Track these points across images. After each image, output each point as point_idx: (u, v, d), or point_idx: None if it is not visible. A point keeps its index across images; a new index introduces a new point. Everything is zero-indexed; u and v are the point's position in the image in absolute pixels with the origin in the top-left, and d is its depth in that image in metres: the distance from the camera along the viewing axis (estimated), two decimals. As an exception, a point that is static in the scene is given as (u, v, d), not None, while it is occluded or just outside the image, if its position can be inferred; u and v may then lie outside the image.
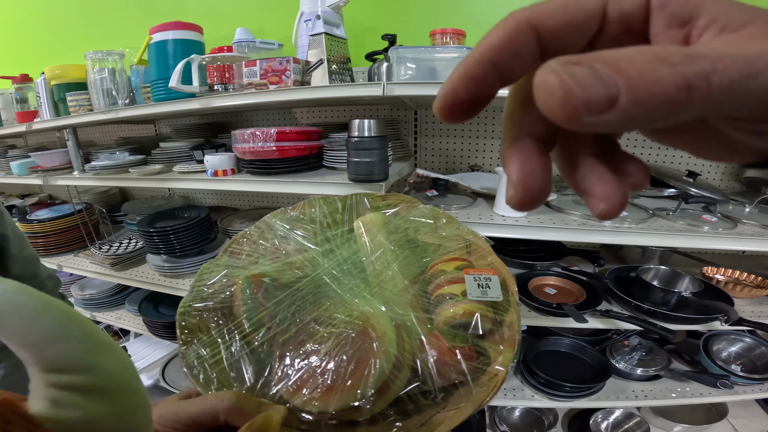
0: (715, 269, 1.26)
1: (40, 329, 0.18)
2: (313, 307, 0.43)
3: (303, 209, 0.55)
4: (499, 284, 0.43)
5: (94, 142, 2.00)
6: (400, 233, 0.51)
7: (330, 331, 0.40)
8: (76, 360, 0.19)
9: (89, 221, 1.62)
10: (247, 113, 1.68)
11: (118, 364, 0.20)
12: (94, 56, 1.22)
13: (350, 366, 0.37)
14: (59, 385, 0.18)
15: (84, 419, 0.18)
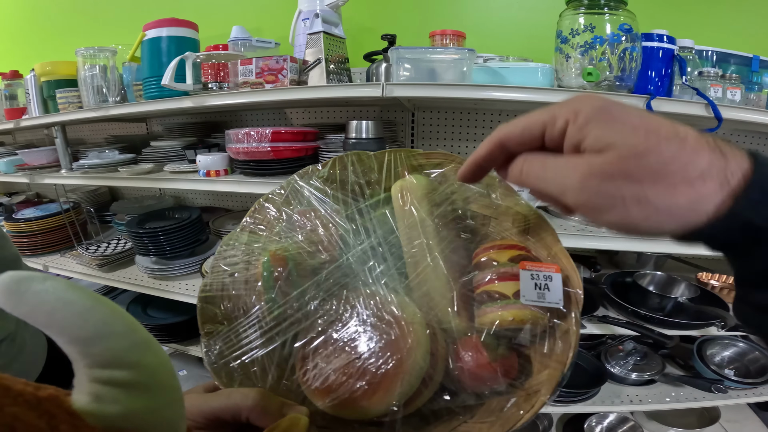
0: (709, 275, 1.27)
1: (87, 326, 0.19)
2: (340, 302, 0.39)
3: (333, 168, 0.48)
4: (561, 285, 0.36)
5: (83, 140, 1.96)
6: (447, 205, 0.44)
7: (357, 333, 0.37)
8: (120, 356, 0.19)
9: (77, 221, 1.58)
10: (241, 113, 1.65)
11: (158, 360, 0.21)
12: (85, 53, 1.19)
13: (377, 378, 0.35)
14: (102, 380, 0.19)
15: (123, 414, 0.19)
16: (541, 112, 0.28)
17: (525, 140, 0.28)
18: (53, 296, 0.18)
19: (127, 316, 0.21)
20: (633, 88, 0.94)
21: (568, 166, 0.25)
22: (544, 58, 1.20)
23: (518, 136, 0.28)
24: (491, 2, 1.35)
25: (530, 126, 0.28)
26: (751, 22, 1.27)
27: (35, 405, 0.17)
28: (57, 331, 0.18)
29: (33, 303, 0.17)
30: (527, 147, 0.29)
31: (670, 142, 0.22)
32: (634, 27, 0.87)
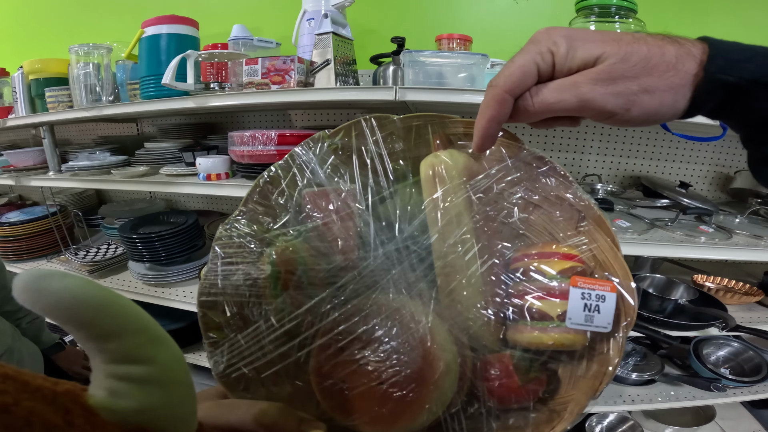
0: (705, 277, 1.30)
1: (104, 322, 0.19)
2: (360, 315, 0.35)
3: (348, 135, 0.40)
4: (614, 307, 0.32)
5: (69, 141, 1.89)
6: (489, 193, 0.37)
7: (382, 355, 0.34)
8: (135, 352, 0.20)
9: (63, 225, 1.52)
10: (239, 114, 1.61)
11: (173, 356, 0.21)
12: (79, 50, 1.14)
13: (401, 407, 0.33)
14: (118, 375, 0.19)
15: (137, 409, 0.19)
16: (522, 54, 0.30)
17: (527, 83, 0.30)
18: (72, 293, 0.18)
19: (142, 313, 0.21)
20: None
21: (575, 81, 0.28)
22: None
23: (520, 81, 0.30)
24: (496, 7, 1.36)
25: (526, 68, 0.29)
26: (743, 31, 1.31)
27: (52, 400, 0.17)
28: (75, 327, 0.19)
29: (53, 300, 0.18)
30: (528, 88, 0.30)
31: (638, 43, 0.28)
32: (644, 35, 0.89)
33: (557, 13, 1.32)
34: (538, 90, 0.30)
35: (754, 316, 1.16)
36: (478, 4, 1.37)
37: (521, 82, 0.30)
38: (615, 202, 1.19)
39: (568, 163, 1.44)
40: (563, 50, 0.29)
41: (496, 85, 0.30)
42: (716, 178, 1.45)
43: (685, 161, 1.43)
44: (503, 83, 0.30)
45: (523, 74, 0.29)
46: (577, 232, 0.37)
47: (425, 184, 0.37)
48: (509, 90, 0.30)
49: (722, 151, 1.42)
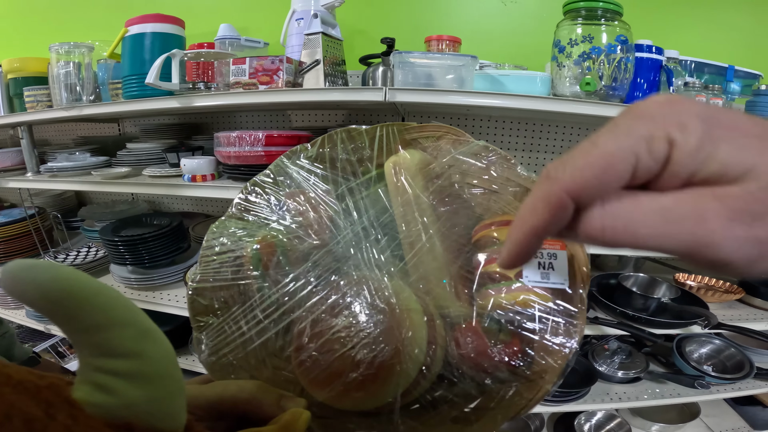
0: (686, 275, 1.33)
1: (91, 315, 0.18)
2: (332, 289, 0.37)
3: (323, 146, 0.45)
4: (566, 264, 0.34)
5: (48, 142, 1.83)
6: (443, 179, 0.41)
7: (351, 322, 0.35)
8: (123, 345, 0.19)
9: (42, 227, 1.47)
10: (224, 114, 1.59)
11: (162, 350, 0.21)
12: (59, 48, 1.11)
13: (373, 369, 0.33)
14: (105, 369, 0.19)
15: (124, 404, 0.19)
16: (615, 135, 0.18)
17: (609, 187, 0.18)
18: (58, 284, 0.18)
19: (130, 305, 0.20)
20: (625, 98, 0.97)
21: (691, 208, 0.17)
22: (534, 65, 1.23)
23: (599, 181, 0.18)
24: (485, 8, 1.37)
25: (615, 163, 0.18)
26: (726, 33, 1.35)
27: (35, 393, 0.17)
28: (62, 320, 0.18)
29: (38, 291, 0.17)
30: (608, 194, 0.19)
31: None
32: (629, 38, 0.91)
33: (544, 15, 1.33)
34: (622, 205, 0.18)
35: (734, 313, 1.19)
36: (466, 6, 1.39)
37: (600, 182, 0.18)
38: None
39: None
40: (694, 143, 0.17)
41: (556, 179, 0.18)
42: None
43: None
44: (569, 178, 0.18)
45: (605, 171, 0.18)
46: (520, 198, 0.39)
47: (388, 175, 0.41)
48: (576, 192, 0.18)
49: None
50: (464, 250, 0.39)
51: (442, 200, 0.40)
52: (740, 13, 1.35)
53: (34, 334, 1.72)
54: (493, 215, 0.40)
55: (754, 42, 1.37)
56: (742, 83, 1.20)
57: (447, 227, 0.39)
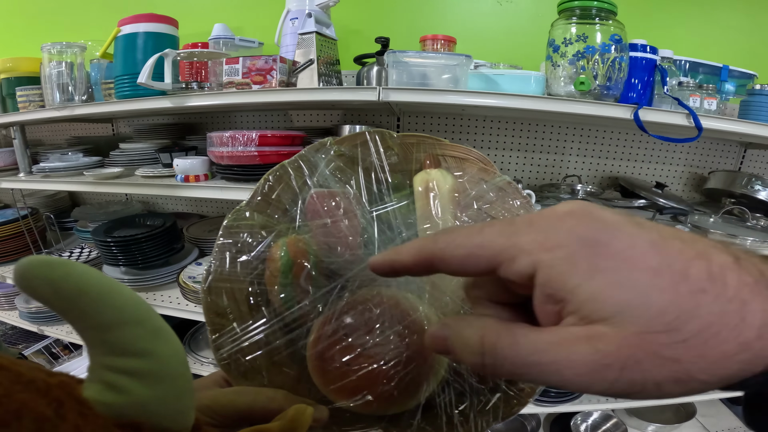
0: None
1: (103, 313, 0.18)
2: (362, 307, 0.37)
3: (352, 145, 0.43)
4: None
5: (42, 142, 1.82)
6: (470, 213, 0.41)
7: (382, 341, 0.36)
8: (134, 344, 0.19)
9: (35, 228, 1.46)
10: (218, 115, 1.58)
11: (172, 349, 0.21)
12: (51, 48, 1.10)
13: (402, 384, 0.34)
14: (116, 368, 0.19)
15: (133, 403, 0.19)
16: (501, 234, 0.19)
17: (466, 271, 0.20)
18: (72, 281, 0.17)
19: (142, 303, 0.20)
20: (619, 98, 0.97)
21: (561, 348, 0.17)
22: (529, 65, 1.23)
23: (458, 264, 0.20)
24: (480, 8, 1.37)
25: (476, 256, 0.19)
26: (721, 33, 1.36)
27: (45, 392, 0.17)
28: (73, 318, 0.18)
29: (51, 288, 0.17)
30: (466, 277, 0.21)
31: (707, 293, 0.15)
32: (624, 37, 0.90)
33: (540, 14, 1.33)
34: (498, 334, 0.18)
35: (729, 313, 1.19)
36: (462, 5, 1.38)
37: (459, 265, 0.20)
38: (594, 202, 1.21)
39: (549, 164, 1.46)
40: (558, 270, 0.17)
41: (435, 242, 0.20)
42: (691, 178, 1.49)
43: (661, 162, 1.46)
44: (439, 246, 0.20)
45: (467, 258, 0.19)
46: None
47: (419, 196, 0.41)
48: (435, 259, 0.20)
49: (696, 152, 1.46)
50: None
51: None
52: (735, 13, 1.35)
53: (27, 336, 1.71)
54: None
55: (748, 42, 1.37)
56: (736, 83, 1.20)
57: None
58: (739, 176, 1.30)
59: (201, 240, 1.44)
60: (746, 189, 1.27)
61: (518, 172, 1.47)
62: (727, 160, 1.48)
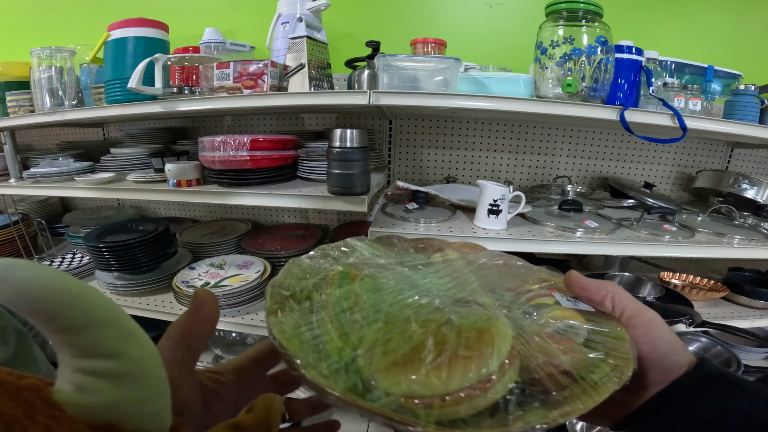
0: (671, 274, 1.35)
1: (72, 314, 0.18)
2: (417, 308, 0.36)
3: (383, 243, 0.52)
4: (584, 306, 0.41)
5: (32, 146, 1.81)
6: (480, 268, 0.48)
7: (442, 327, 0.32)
8: (104, 346, 0.19)
9: (26, 234, 1.45)
10: (209, 119, 1.58)
11: (144, 350, 0.21)
12: (41, 53, 1.10)
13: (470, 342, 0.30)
14: (86, 370, 0.19)
15: (106, 405, 0.18)
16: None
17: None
18: (38, 284, 0.17)
19: (112, 305, 0.20)
20: (606, 99, 0.99)
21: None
22: (519, 67, 1.24)
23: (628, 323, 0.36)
24: (470, 11, 1.38)
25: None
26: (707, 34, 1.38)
27: (14, 394, 0.16)
28: (41, 320, 0.18)
29: (17, 290, 0.17)
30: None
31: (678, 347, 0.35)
32: (609, 39, 0.92)
33: (529, 17, 1.35)
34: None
35: (719, 311, 1.20)
36: (452, 9, 1.40)
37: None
38: (584, 203, 1.22)
39: (540, 165, 1.47)
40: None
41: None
42: (679, 178, 1.51)
43: (650, 162, 1.48)
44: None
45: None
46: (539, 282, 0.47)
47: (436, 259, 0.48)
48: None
49: (684, 152, 1.48)
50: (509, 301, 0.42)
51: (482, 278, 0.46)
52: (720, 14, 1.37)
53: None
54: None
55: (733, 42, 1.39)
56: (722, 83, 1.22)
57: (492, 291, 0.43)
58: (727, 175, 1.32)
59: (194, 244, 1.44)
60: (733, 188, 1.30)
61: (509, 174, 1.48)
62: (714, 160, 1.51)
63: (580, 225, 1.06)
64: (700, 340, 1.28)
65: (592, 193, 1.42)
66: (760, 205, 1.26)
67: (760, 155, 1.52)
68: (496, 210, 1.01)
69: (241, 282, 1.19)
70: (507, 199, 1.01)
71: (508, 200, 1.01)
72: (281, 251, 1.36)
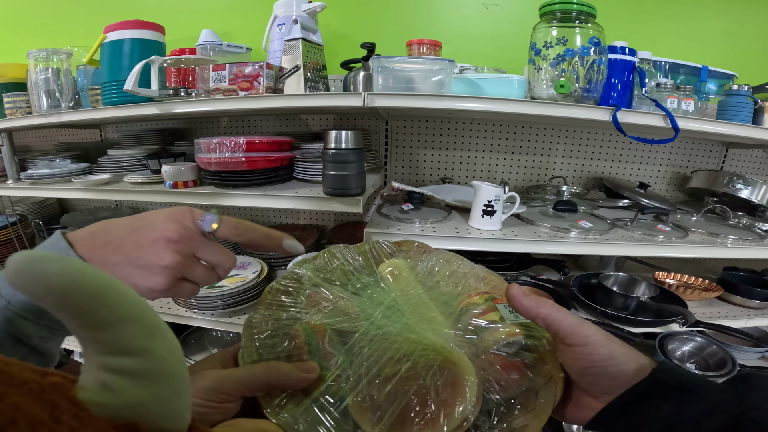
0: (665, 274, 1.36)
1: (99, 311, 0.18)
2: (383, 347, 0.41)
3: (323, 259, 0.54)
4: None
5: (30, 148, 1.81)
6: (425, 275, 0.52)
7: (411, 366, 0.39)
8: (131, 343, 0.19)
9: (24, 235, 1.46)
10: (206, 121, 1.59)
11: (168, 347, 0.20)
12: (37, 55, 1.10)
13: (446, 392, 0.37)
14: (111, 368, 0.18)
15: (129, 404, 0.18)
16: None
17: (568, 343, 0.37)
18: (66, 279, 0.17)
19: (140, 300, 0.20)
20: (599, 100, 0.99)
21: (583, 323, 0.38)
22: (514, 68, 1.25)
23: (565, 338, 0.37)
24: (466, 12, 1.39)
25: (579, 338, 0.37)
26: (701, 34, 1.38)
27: (39, 394, 0.16)
28: (68, 315, 0.18)
29: (45, 285, 0.17)
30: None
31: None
32: (602, 40, 0.92)
33: (524, 18, 1.36)
34: None
35: (713, 311, 1.21)
36: (448, 10, 1.40)
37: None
38: (579, 203, 1.23)
39: (535, 166, 1.48)
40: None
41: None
42: (674, 178, 1.51)
43: (645, 162, 1.49)
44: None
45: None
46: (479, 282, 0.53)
47: (386, 274, 0.50)
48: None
49: (679, 152, 1.49)
50: (453, 315, 0.47)
51: (429, 288, 0.50)
52: (714, 14, 1.38)
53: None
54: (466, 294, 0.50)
55: (728, 42, 1.40)
56: (717, 83, 1.22)
57: (439, 303, 0.48)
58: (721, 175, 1.32)
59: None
60: (728, 188, 1.30)
61: (505, 174, 1.49)
62: (709, 160, 1.51)
63: (574, 225, 1.06)
64: (695, 339, 1.28)
65: (587, 193, 1.43)
66: (754, 205, 1.27)
67: (754, 155, 1.52)
68: (490, 210, 1.01)
69: (238, 282, 1.20)
70: (501, 200, 1.01)
71: (502, 201, 1.02)
72: (278, 252, 1.36)
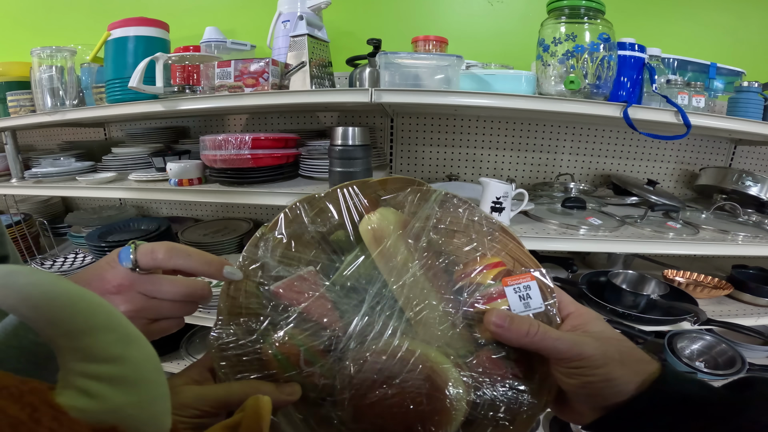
0: (675, 272, 1.34)
1: (73, 319, 0.19)
2: (366, 366, 0.38)
3: (287, 225, 0.41)
4: (539, 291, 0.40)
5: (34, 147, 1.81)
6: (423, 240, 0.42)
7: (398, 388, 0.37)
8: (105, 350, 0.19)
9: (28, 234, 1.45)
10: (210, 118, 1.58)
11: (144, 354, 0.21)
12: (41, 53, 1.10)
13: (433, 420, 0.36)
14: (87, 374, 0.19)
15: (107, 409, 0.19)
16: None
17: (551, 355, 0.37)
18: (39, 289, 0.18)
19: (113, 310, 0.20)
20: (609, 96, 0.98)
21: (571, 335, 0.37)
22: (520, 64, 1.24)
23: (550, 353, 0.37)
24: (472, 9, 1.38)
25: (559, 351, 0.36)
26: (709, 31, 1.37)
27: (18, 398, 0.17)
28: (42, 325, 0.18)
29: (19, 296, 0.17)
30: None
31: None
32: (612, 36, 0.91)
33: (530, 14, 1.34)
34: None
35: (724, 309, 1.20)
36: (453, 7, 1.39)
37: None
38: (587, 200, 1.22)
39: (542, 163, 1.47)
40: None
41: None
42: (682, 175, 1.50)
43: (653, 159, 1.47)
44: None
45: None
46: (491, 242, 0.43)
47: (369, 245, 0.41)
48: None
49: (687, 149, 1.47)
50: (454, 299, 0.41)
51: (426, 264, 0.41)
52: (722, 11, 1.36)
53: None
54: (470, 260, 0.43)
55: (736, 39, 1.38)
56: (725, 80, 1.21)
57: (435, 283, 0.41)
58: (730, 172, 1.31)
59: (196, 244, 1.43)
60: (737, 185, 1.29)
61: (512, 171, 1.47)
62: (717, 157, 1.50)
63: (583, 222, 1.05)
64: (704, 338, 1.27)
65: (595, 190, 1.42)
66: (763, 202, 1.26)
67: (763, 152, 1.51)
68: (498, 208, 1.00)
69: (243, 281, 1.19)
70: (510, 197, 1.00)
71: (510, 198, 1.01)
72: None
